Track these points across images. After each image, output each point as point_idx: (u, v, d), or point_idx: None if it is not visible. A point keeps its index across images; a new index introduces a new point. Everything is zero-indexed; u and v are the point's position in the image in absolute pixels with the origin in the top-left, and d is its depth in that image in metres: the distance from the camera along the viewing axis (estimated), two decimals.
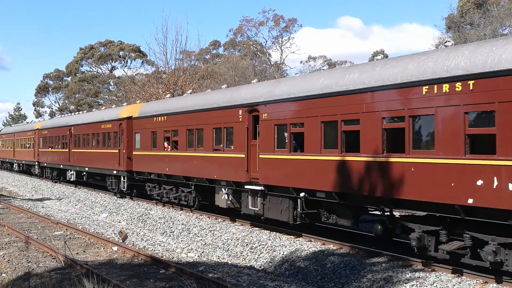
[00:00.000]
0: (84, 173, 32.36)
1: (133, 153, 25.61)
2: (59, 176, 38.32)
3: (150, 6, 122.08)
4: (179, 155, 21.51)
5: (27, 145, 45.66)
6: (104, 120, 29.33)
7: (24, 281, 11.72)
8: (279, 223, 16.55)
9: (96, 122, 30.56)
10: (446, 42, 12.59)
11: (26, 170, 47.76)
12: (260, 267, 13.94)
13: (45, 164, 40.29)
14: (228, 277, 12.06)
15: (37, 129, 42.29)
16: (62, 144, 35.99)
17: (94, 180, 34.22)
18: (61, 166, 36.32)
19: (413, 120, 11.29)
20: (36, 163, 42.43)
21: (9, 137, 54.01)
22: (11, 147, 52.68)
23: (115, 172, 27.49)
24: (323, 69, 17.67)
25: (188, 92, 25.14)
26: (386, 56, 57.53)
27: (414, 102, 11.16)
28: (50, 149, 38.63)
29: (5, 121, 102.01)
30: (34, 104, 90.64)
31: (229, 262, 14.46)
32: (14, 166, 51.90)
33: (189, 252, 15.87)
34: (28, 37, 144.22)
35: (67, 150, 34.69)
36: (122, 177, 26.93)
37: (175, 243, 17.16)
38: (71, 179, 34.72)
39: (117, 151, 26.96)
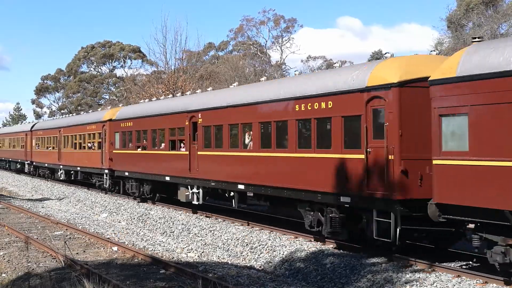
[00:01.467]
0: (233, 193, 18.24)
1: (451, 162, 10.73)
2: (154, 192, 24.69)
3: (150, 6, 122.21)
4: None
5: (88, 145, 31.51)
6: (307, 94, 14.51)
7: (24, 281, 11.73)
8: None
9: (273, 100, 15.91)
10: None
11: (81, 179, 34.12)
12: (260, 267, 13.94)
13: (126, 174, 26.17)
14: (228, 277, 12.07)
15: (110, 120, 28.49)
16: (171, 143, 22.15)
17: (249, 206, 21.02)
18: (167, 178, 22.17)
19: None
20: (106, 171, 28.50)
21: (50, 134, 39.40)
22: (54, 147, 38.13)
23: (346, 199, 13.21)
24: None
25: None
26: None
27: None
28: (139, 151, 24.96)
29: (5, 121, 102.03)
30: (33, 103, 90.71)
31: (229, 262, 14.47)
32: (59, 173, 36.85)
33: (189, 252, 15.88)
34: (28, 37, 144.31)
35: (186, 152, 20.55)
36: (375, 213, 12.57)
37: (175, 243, 17.16)
38: (193, 201, 20.51)
39: (360, 156, 12.78)
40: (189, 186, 20.64)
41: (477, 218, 10.44)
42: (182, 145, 21.41)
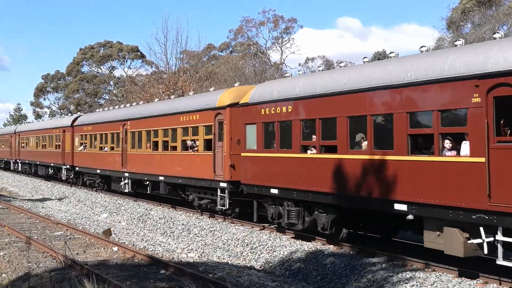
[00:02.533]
0: None
1: None
2: (339, 225, 14.44)
3: (150, 6, 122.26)
4: None
5: (188, 142, 20.82)
6: None
7: (24, 281, 11.72)
8: None
9: None
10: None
11: (165, 194, 23.24)
12: (261, 267, 13.94)
13: (274, 192, 15.89)
14: (228, 277, 12.07)
15: (232, 105, 18.35)
16: (412, 139, 11.66)
17: None
18: (401, 206, 11.77)
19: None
20: (223, 185, 18.50)
21: (106, 129, 28.80)
22: (114, 147, 27.83)
23: None
24: None
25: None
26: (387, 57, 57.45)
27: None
28: (313, 155, 14.45)
29: (6, 122, 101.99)
30: (32, 104, 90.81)
31: (230, 262, 14.47)
32: (121, 184, 26.39)
33: (189, 252, 15.88)
34: (27, 37, 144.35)
35: (477, 160, 10.11)
36: None
37: (175, 244, 17.16)
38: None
39: None
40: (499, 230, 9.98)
41: None
42: (448, 143, 10.95)
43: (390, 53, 13.51)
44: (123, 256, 14.66)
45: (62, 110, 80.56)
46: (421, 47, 12.44)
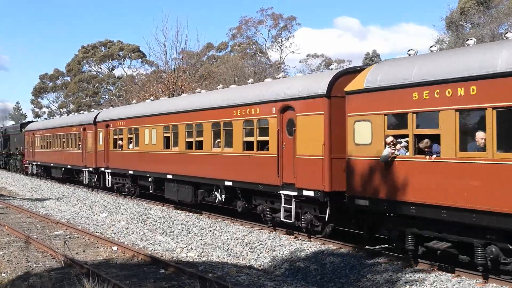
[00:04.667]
0: None
1: None
2: None
3: (150, 6, 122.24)
4: None
5: None
6: None
7: (24, 280, 11.72)
8: None
9: None
10: None
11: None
12: (260, 266, 13.94)
13: None
14: (228, 277, 12.07)
15: None
16: None
17: None
18: None
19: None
20: None
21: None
22: None
23: None
24: None
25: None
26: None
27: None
28: None
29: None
30: (32, 103, 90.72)
31: (229, 261, 14.47)
32: None
33: (189, 251, 15.87)
34: (26, 37, 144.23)
35: None
36: None
37: (174, 243, 17.16)
38: None
39: None
40: None
41: None
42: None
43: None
44: (122, 255, 14.66)
45: (61, 110, 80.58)
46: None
